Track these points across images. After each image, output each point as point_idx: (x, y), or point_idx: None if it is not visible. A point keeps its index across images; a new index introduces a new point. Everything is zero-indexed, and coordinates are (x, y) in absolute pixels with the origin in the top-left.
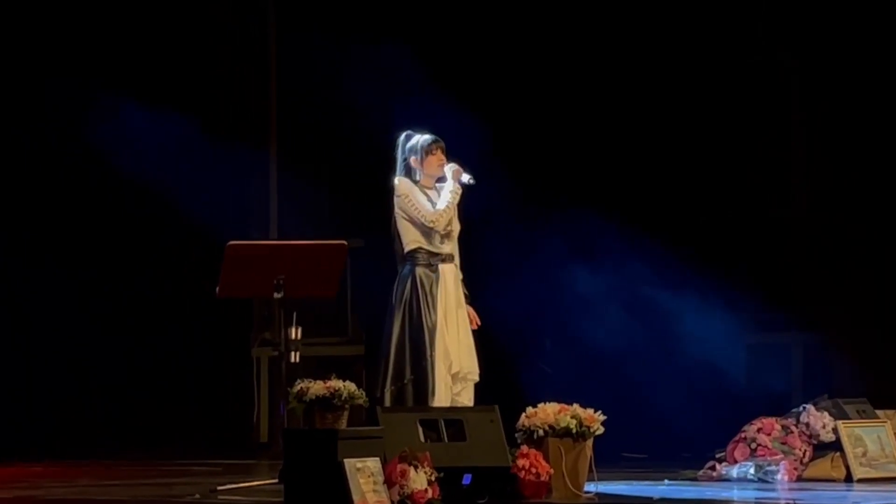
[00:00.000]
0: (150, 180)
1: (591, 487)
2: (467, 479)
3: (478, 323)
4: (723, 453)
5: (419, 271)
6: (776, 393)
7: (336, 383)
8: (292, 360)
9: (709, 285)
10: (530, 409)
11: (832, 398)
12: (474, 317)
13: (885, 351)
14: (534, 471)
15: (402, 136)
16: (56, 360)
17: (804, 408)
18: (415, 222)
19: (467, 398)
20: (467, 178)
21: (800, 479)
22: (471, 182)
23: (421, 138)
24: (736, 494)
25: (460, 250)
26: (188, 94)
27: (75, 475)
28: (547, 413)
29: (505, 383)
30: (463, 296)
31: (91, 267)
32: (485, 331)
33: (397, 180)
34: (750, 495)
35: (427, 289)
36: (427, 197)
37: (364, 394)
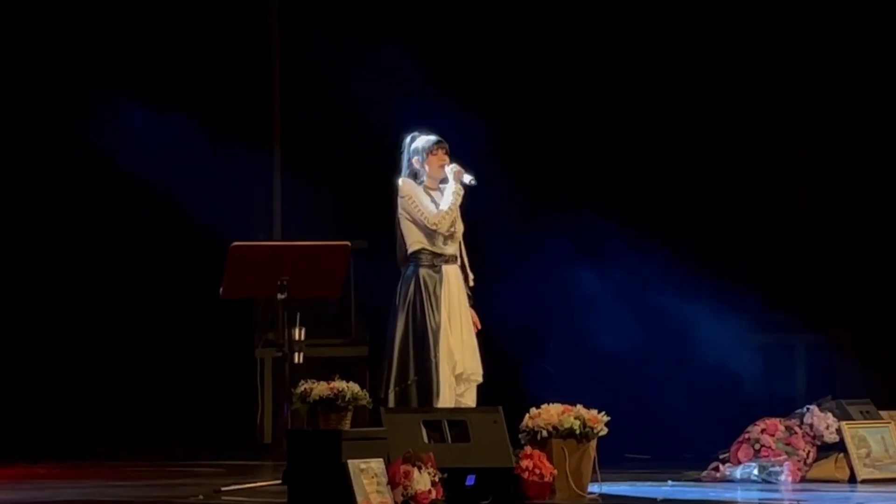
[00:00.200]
0: (152, 181)
1: (594, 488)
2: (471, 480)
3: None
4: (726, 454)
5: (423, 272)
6: (780, 394)
7: (340, 384)
8: (296, 361)
9: (712, 286)
10: (534, 410)
11: (836, 399)
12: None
13: (889, 351)
14: (537, 472)
15: (407, 137)
16: (56, 360)
17: (808, 409)
18: (418, 223)
19: (471, 399)
20: (469, 179)
21: (803, 480)
22: (472, 183)
23: (424, 139)
24: (739, 495)
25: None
26: (191, 95)
27: (79, 476)
28: (550, 414)
29: (508, 384)
30: (466, 297)
31: (91, 267)
32: (488, 332)
33: (401, 181)
34: (753, 496)
35: (431, 290)
36: (431, 198)
37: (368, 395)
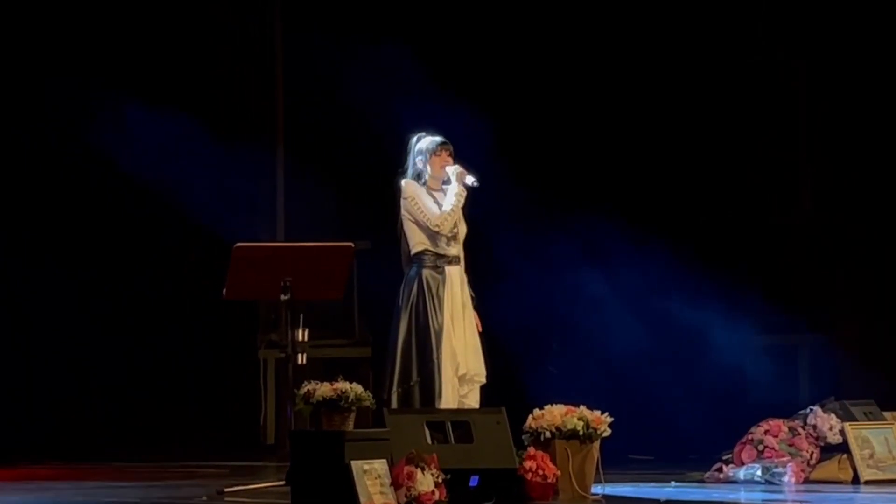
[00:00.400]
0: (154, 181)
1: (597, 489)
2: (474, 481)
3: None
4: (730, 455)
5: (426, 273)
6: (783, 395)
7: (343, 385)
8: (299, 361)
9: (716, 287)
10: (537, 411)
11: (839, 400)
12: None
13: (892, 352)
14: (541, 472)
15: (414, 138)
16: (56, 360)
17: (811, 410)
18: (421, 225)
19: (474, 400)
20: (471, 181)
21: (807, 481)
22: (474, 184)
23: (429, 140)
24: (743, 496)
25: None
26: (193, 95)
27: (83, 477)
28: (554, 415)
29: (511, 385)
30: (469, 298)
31: (92, 267)
32: (491, 333)
33: (403, 182)
34: (757, 497)
35: (434, 291)
36: (434, 199)
37: (371, 396)
